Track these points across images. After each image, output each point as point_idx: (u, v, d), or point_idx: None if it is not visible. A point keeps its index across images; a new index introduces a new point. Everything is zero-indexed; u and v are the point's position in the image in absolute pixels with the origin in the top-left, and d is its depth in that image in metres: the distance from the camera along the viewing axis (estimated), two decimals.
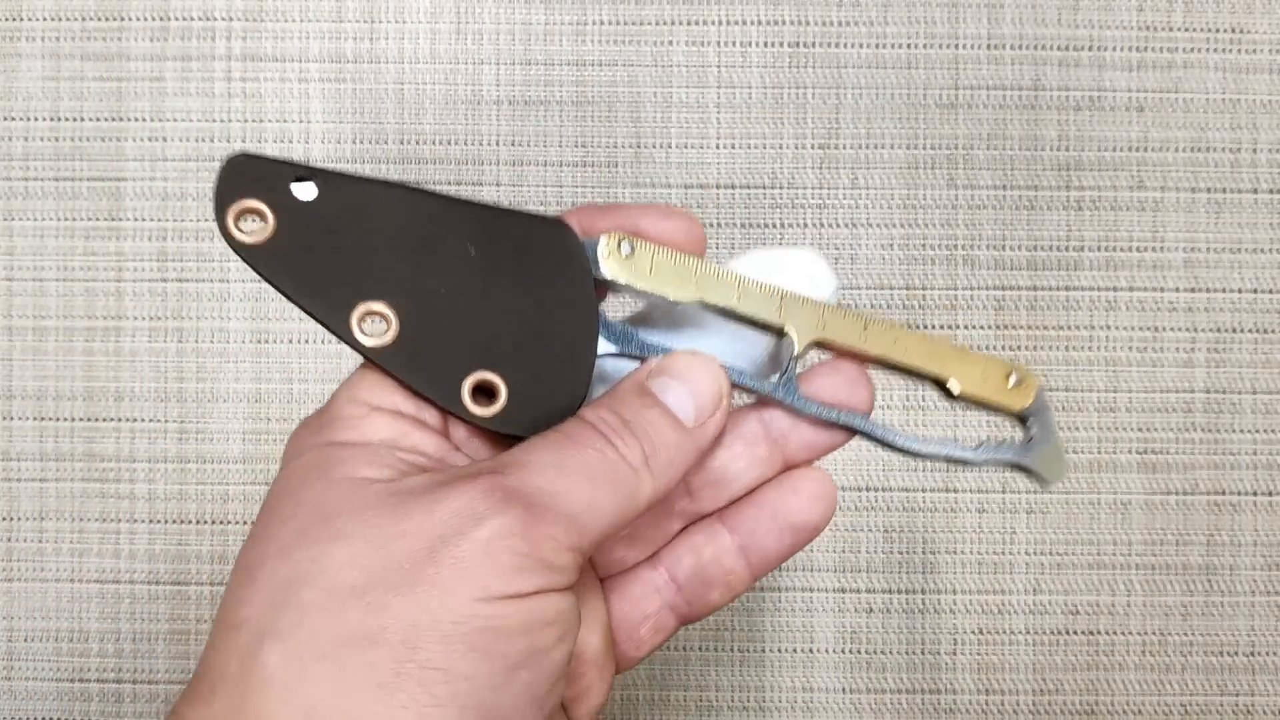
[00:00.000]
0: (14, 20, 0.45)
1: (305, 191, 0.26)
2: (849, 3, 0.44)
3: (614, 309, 0.30)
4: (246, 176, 0.26)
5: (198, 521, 0.44)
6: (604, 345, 0.27)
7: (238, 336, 0.44)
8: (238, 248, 0.26)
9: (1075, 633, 0.43)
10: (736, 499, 0.29)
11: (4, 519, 0.44)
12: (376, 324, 0.26)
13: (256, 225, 0.26)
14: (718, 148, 0.44)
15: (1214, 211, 0.44)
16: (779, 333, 0.28)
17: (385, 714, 0.21)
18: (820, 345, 0.28)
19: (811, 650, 0.43)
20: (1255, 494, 0.43)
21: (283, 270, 0.26)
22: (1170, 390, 0.43)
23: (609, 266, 0.27)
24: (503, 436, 0.27)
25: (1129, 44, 0.44)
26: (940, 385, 0.29)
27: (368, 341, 0.26)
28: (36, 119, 0.45)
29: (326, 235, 0.26)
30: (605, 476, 0.24)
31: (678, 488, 0.28)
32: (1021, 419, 0.30)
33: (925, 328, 0.44)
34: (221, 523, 0.44)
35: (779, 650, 0.43)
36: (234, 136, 0.44)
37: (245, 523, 0.44)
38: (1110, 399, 0.43)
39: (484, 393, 0.27)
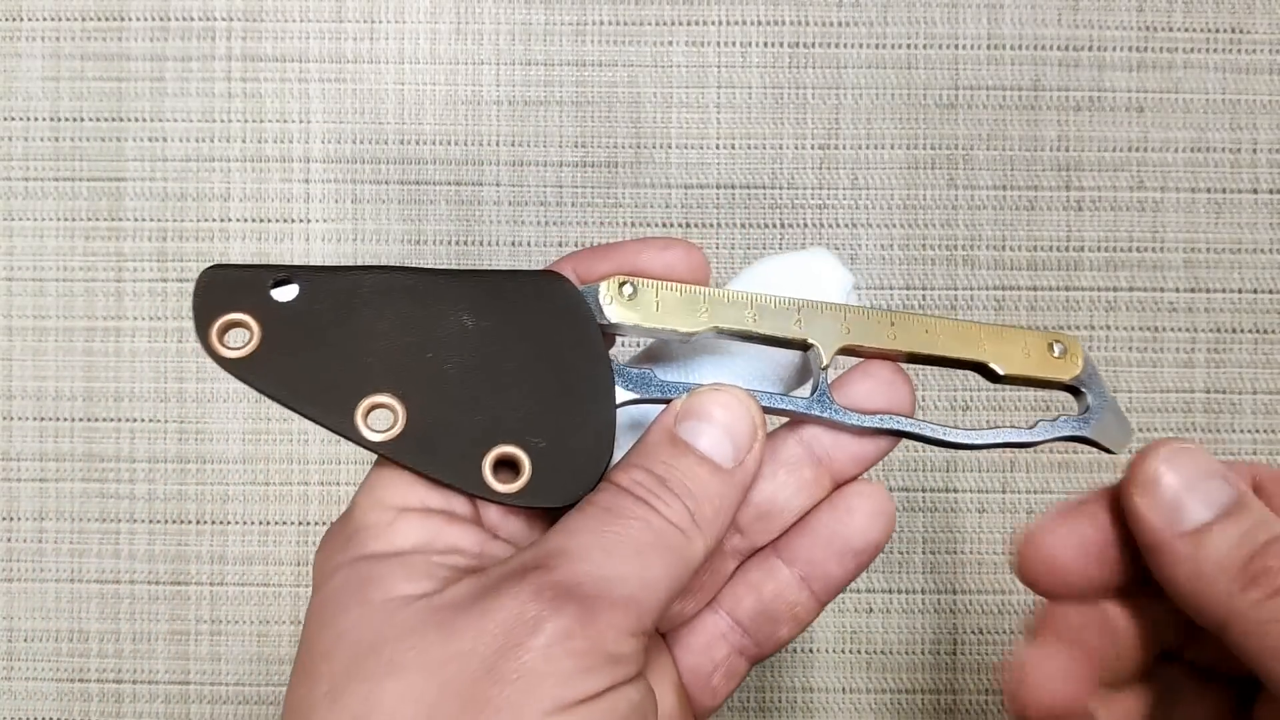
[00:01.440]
0: (14, 20, 0.45)
1: (286, 293, 0.25)
2: (849, 3, 0.44)
3: (630, 348, 0.29)
4: (223, 288, 0.25)
5: (198, 521, 0.44)
6: (623, 394, 0.26)
7: None
8: (225, 364, 0.24)
9: None
10: (790, 528, 0.27)
11: (4, 519, 0.44)
12: (383, 417, 0.25)
13: (242, 337, 0.25)
14: (718, 148, 0.44)
15: (1214, 211, 0.44)
16: (803, 346, 0.27)
17: None
18: (848, 352, 0.27)
19: (811, 650, 0.43)
20: None
21: (276, 379, 0.25)
22: (1170, 390, 0.44)
23: (613, 311, 0.26)
24: (537, 511, 0.26)
25: (1129, 44, 0.44)
26: (983, 370, 0.27)
27: (375, 437, 0.25)
28: (36, 119, 0.45)
29: (316, 334, 0.25)
30: (654, 546, 0.23)
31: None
32: (1072, 389, 0.28)
33: None
34: (221, 523, 0.44)
35: (779, 650, 0.43)
36: (234, 136, 0.44)
37: (245, 523, 0.44)
38: None
39: (508, 467, 0.25)
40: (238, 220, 0.44)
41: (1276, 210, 0.44)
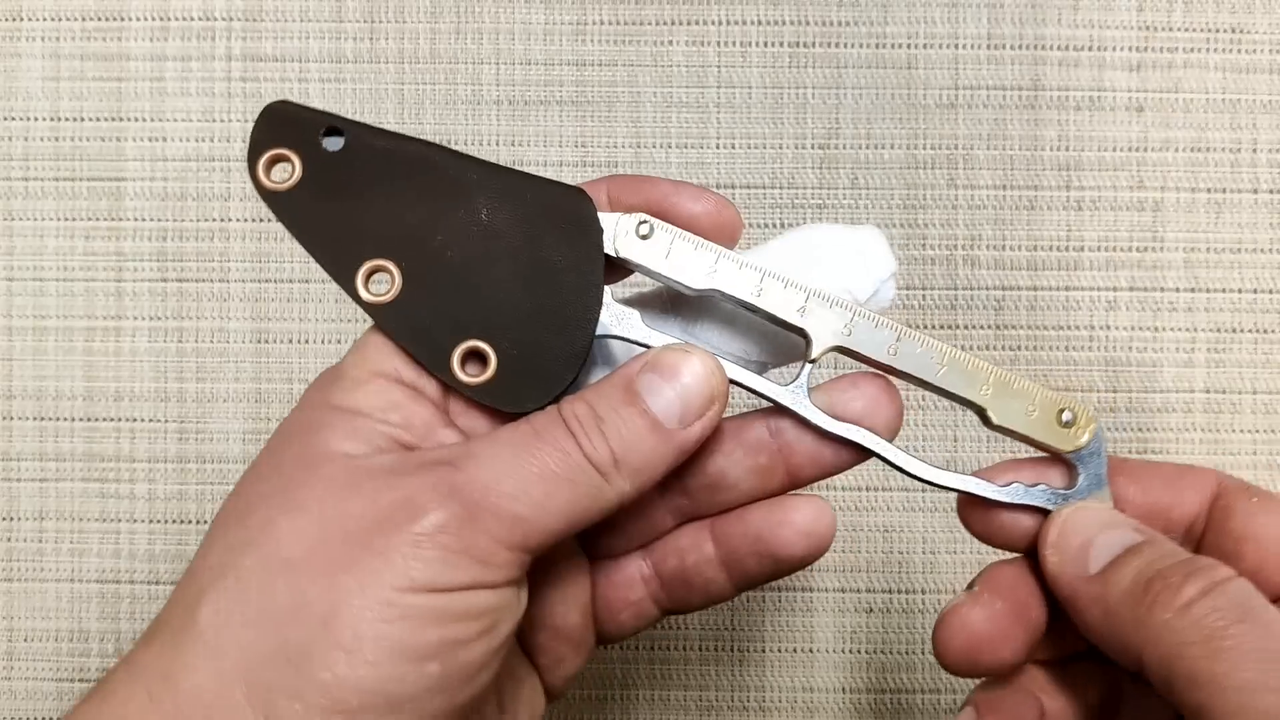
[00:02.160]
0: (14, 20, 0.45)
1: (334, 143, 0.26)
2: (849, 3, 0.44)
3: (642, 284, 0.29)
4: (281, 123, 0.26)
5: (198, 521, 0.44)
6: (606, 327, 0.26)
7: (238, 336, 0.44)
8: (264, 193, 0.26)
9: None
10: (732, 507, 0.28)
11: (4, 519, 0.44)
12: (382, 281, 0.26)
13: (286, 172, 0.26)
14: (718, 148, 0.44)
15: (1214, 211, 0.44)
16: (799, 333, 0.27)
17: (289, 687, 0.22)
18: (843, 352, 0.27)
19: (811, 650, 0.43)
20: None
21: (301, 220, 0.26)
22: (1170, 390, 0.44)
23: (624, 245, 0.26)
24: (497, 410, 0.27)
25: (1129, 44, 0.44)
26: (978, 411, 0.27)
27: (368, 298, 0.26)
28: (36, 119, 0.45)
29: (348, 187, 0.26)
30: (563, 477, 0.24)
31: (674, 486, 0.28)
32: (1068, 462, 0.27)
33: (925, 328, 0.44)
34: None
35: (779, 650, 0.43)
36: (234, 136, 0.44)
37: None
38: (1110, 399, 0.43)
39: (477, 361, 0.26)
40: (238, 220, 0.44)
41: (1276, 210, 0.44)
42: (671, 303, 0.28)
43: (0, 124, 0.45)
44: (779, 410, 0.27)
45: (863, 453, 0.27)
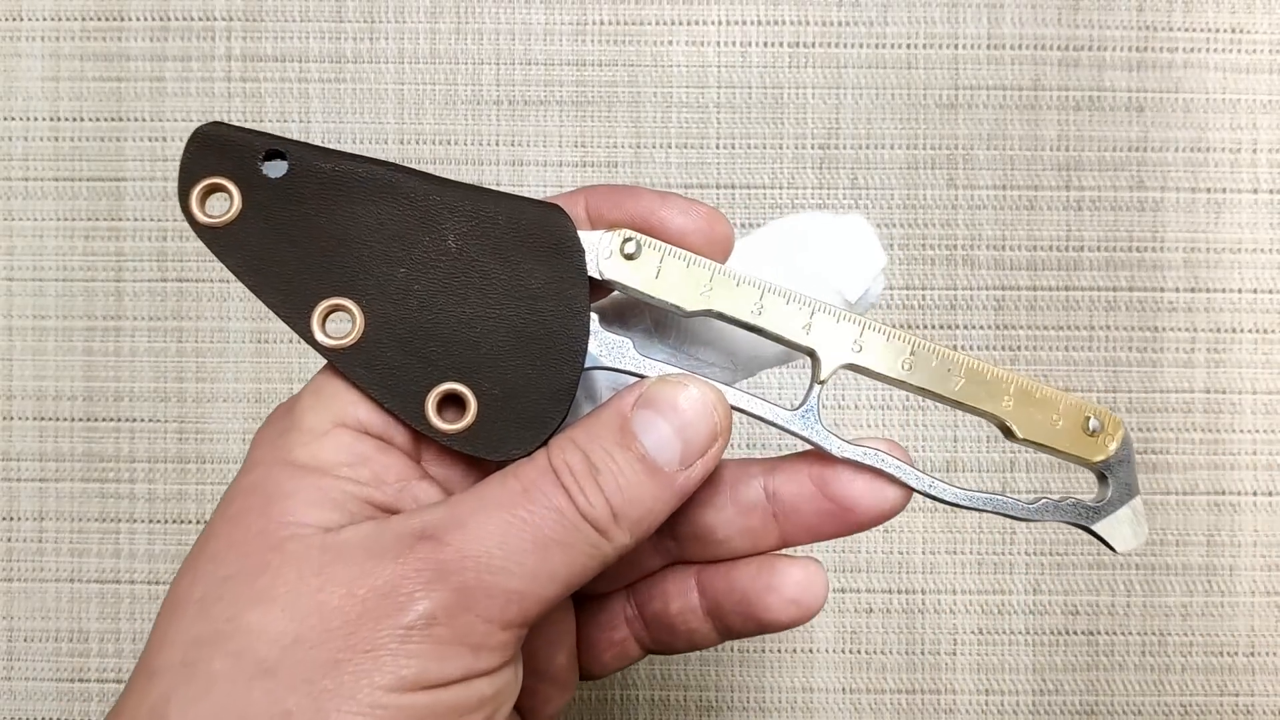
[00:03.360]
0: (14, 20, 0.45)
1: (275, 169, 0.23)
2: (849, 3, 0.44)
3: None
4: (214, 148, 0.23)
5: (198, 521, 0.44)
6: (594, 358, 0.24)
7: (238, 336, 0.44)
8: (198, 230, 0.23)
9: (1075, 633, 0.43)
10: (721, 559, 0.27)
11: (4, 519, 0.44)
12: (342, 322, 0.24)
13: (223, 205, 0.23)
14: (718, 148, 0.44)
15: (1214, 211, 0.44)
16: (806, 352, 0.25)
17: None
18: (854, 370, 0.25)
19: (811, 650, 0.43)
20: (1255, 494, 0.43)
21: (245, 257, 0.23)
22: (1170, 390, 0.43)
23: (609, 266, 0.24)
24: (476, 459, 0.24)
25: (1129, 44, 0.44)
26: (1001, 425, 0.25)
27: (327, 342, 0.23)
28: (36, 119, 0.45)
29: (295, 219, 0.23)
30: (559, 541, 0.22)
31: (663, 529, 0.25)
32: (1097, 471, 0.25)
33: (925, 328, 0.44)
34: None
35: (779, 650, 0.43)
36: None
37: None
38: (1110, 399, 0.43)
39: (454, 404, 0.24)
40: None
41: (1276, 210, 0.44)
42: (656, 321, 0.26)
43: (0, 124, 0.45)
44: (775, 468, 0.26)
45: (857, 524, 0.25)
